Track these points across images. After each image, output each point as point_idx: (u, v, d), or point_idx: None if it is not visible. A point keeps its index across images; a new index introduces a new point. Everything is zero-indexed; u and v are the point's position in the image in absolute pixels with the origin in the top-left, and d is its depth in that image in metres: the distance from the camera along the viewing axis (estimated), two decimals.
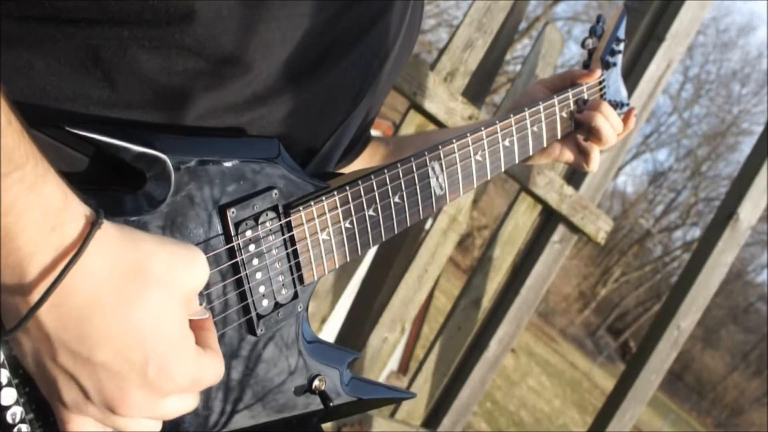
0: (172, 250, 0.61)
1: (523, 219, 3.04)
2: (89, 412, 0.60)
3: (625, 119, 1.28)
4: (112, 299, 0.57)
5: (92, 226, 0.56)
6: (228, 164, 0.72)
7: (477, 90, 3.44)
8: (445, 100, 2.59)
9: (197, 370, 0.63)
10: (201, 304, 0.67)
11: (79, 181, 0.61)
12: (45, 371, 0.59)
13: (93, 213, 0.57)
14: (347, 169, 1.12)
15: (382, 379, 3.83)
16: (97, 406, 0.60)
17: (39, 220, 0.53)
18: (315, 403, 0.87)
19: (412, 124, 2.62)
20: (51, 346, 0.57)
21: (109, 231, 0.58)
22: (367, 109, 0.97)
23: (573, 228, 3.07)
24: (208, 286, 0.72)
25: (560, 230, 3.07)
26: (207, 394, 0.76)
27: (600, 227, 3.10)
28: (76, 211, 0.56)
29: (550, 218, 3.10)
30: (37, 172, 0.53)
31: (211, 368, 0.65)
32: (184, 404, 0.64)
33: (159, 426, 0.65)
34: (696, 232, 36.66)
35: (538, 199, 2.98)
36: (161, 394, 0.61)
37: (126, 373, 0.58)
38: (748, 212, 3.26)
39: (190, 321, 0.65)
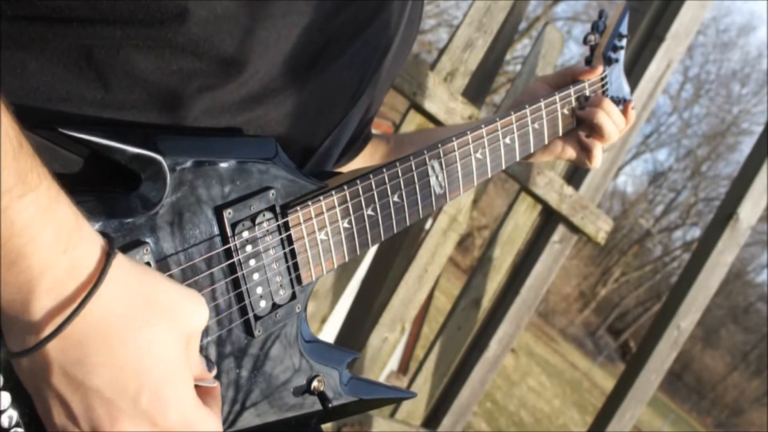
0: (177, 288, 0.61)
1: (523, 219, 3.04)
2: None
3: (623, 113, 1.27)
4: (117, 326, 0.57)
5: (108, 256, 0.56)
6: (224, 165, 0.72)
7: (477, 90, 3.44)
8: (445, 100, 2.58)
9: (193, 411, 0.62)
10: (211, 371, 0.67)
11: (73, 183, 0.60)
12: (39, 390, 0.59)
13: (105, 240, 0.58)
14: (348, 168, 1.11)
15: (382, 379, 3.82)
16: (84, 430, 0.59)
17: (52, 241, 0.53)
18: (314, 404, 0.86)
19: (412, 124, 2.61)
20: (48, 367, 0.57)
21: (121, 260, 0.58)
22: (366, 106, 0.96)
23: (573, 228, 3.06)
24: (205, 287, 0.72)
25: (560, 230, 3.07)
26: None
27: (600, 227, 3.10)
28: (88, 234, 0.56)
29: (550, 218, 3.09)
30: (50, 194, 0.54)
31: (208, 423, 0.63)
32: None
33: None
34: (696, 232, 36.67)
35: (538, 199, 2.97)
36: (152, 425, 0.59)
37: (118, 401, 0.58)
38: (748, 212, 3.26)
39: (199, 387, 0.64)
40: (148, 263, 0.65)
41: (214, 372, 0.67)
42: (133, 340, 0.57)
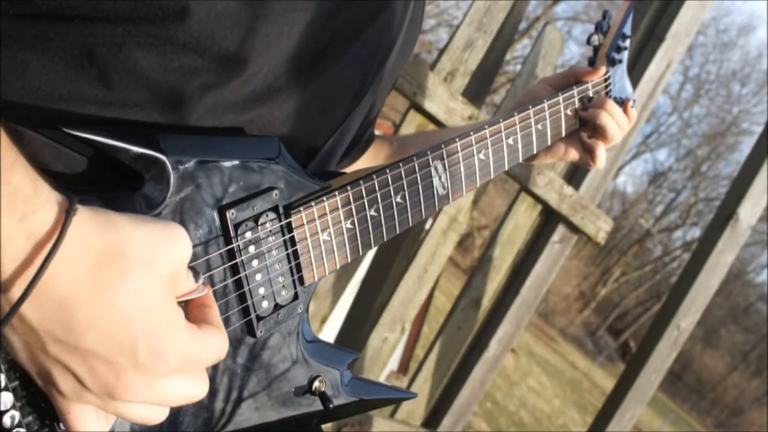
0: (150, 229, 0.59)
1: (523, 219, 3.04)
2: (88, 400, 0.59)
3: (625, 112, 1.27)
4: (91, 284, 0.55)
5: (67, 214, 0.54)
6: (227, 164, 0.71)
7: (477, 90, 3.44)
8: (445, 100, 2.58)
9: (191, 346, 0.61)
10: (199, 281, 0.65)
11: (77, 182, 0.60)
12: (38, 363, 0.58)
13: (65, 199, 0.56)
14: (351, 168, 1.11)
15: (382, 379, 3.82)
16: (95, 392, 0.59)
17: (7, 209, 0.52)
18: (315, 404, 0.86)
19: (412, 124, 2.61)
20: (38, 338, 0.56)
21: (83, 215, 0.56)
22: (369, 106, 0.96)
23: (573, 228, 3.07)
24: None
25: (560, 230, 3.07)
26: (207, 395, 0.75)
27: (600, 227, 3.10)
28: (46, 198, 0.54)
29: (550, 218, 3.09)
30: (6, 160, 0.52)
31: (209, 344, 0.63)
32: (186, 386, 0.62)
33: (165, 412, 0.63)
34: (696, 232, 36.68)
35: (538, 199, 2.98)
36: (157, 375, 0.59)
37: (116, 358, 0.57)
38: (748, 212, 3.26)
39: (190, 300, 0.63)
40: None
41: (201, 280, 0.66)
42: (114, 295, 0.56)
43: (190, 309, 0.65)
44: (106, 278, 0.56)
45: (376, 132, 1.21)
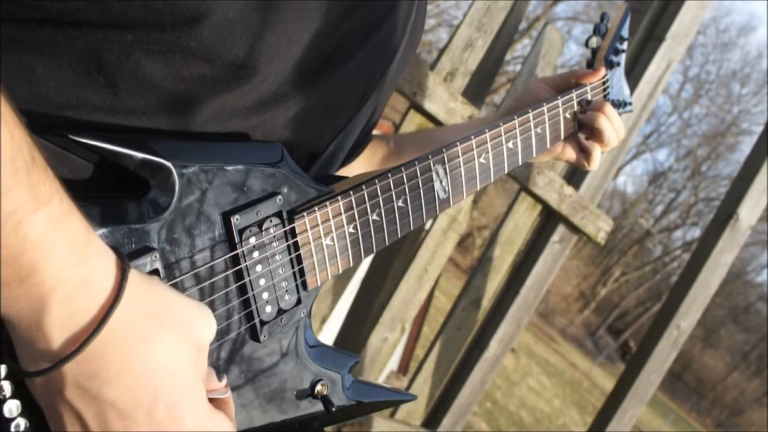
0: (185, 301, 0.61)
1: (523, 219, 3.04)
2: None
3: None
4: (128, 339, 0.56)
5: (123, 270, 0.56)
6: (232, 170, 0.72)
7: (477, 90, 3.44)
8: (445, 100, 2.59)
9: (206, 419, 0.62)
10: (222, 382, 0.67)
11: (83, 189, 0.60)
12: (52, 404, 0.59)
13: (116, 253, 0.57)
14: (347, 170, 1.11)
15: (382, 379, 3.83)
16: None
17: (64, 255, 0.53)
18: (317, 407, 0.87)
19: (412, 124, 2.62)
20: (62, 382, 0.56)
21: (132, 273, 0.57)
22: (371, 111, 0.96)
23: (573, 228, 3.07)
24: (212, 293, 0.72)
25: (560, 230, 3.07)
26: None
27: (600, 227, 3.10)
28: (99, 248, 0.56)
29: (550, 218, 3.10)
30: (62, 207, 0.53)
31: (221, 425, 0.64)
32: None
33: None
34: (696, 232, 36.65)
35: (538, 199, 2.98)
36: None
37: (134, 413, 0.58)
38: (748, 212, 3.26)
39: (212, 399, 0.64)
40: (156, 270, 0.66)
41: (225, 381, 0.67)
42: (147, 353, 0.57)
43: (210, 402, 0.65)
44: (144, 336, 0.57)
45: (375, 131, 1.21)
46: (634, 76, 3.03)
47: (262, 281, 0.76)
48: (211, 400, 0.65)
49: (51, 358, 0.55)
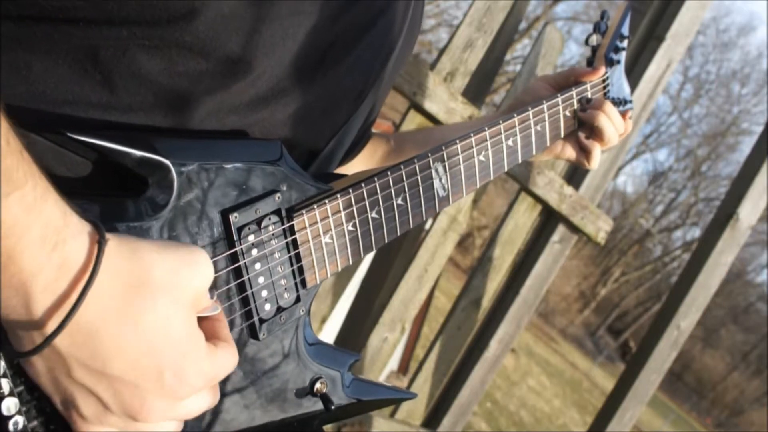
0: (173, 256, 0.61)
1: (523, 219, 3.04)
2: (110, 423, 0.61)
3: (623, 117, 1.27)
4: (118, 313, 0.57)
5: (99, 245, 0.56)
6: (230, 168, 0.72)
7: (477, 90, 3.44)
8: (445, 100, 2.59)
9: (211, 368, 0.63)
10: (213, 298, 0.67)
11: (80, 187, 0.60)
12: (61, 388, 0.59)
13: (94, 228, 0.57)
14: (347, 168, 1.11)
15: (382, 379, 3.83)
16: (118, 415, 0.60)
17: (39, 240, 0.53)
18: (317, 406, 0.87)
19: (412, 124, 2.62)
20: (65, 364, 0.57)
21: (110, 245, 0.57)
22: (370, 108, 0.96)
23: (573, 228, 3.07)
24: (211, 291, 0.72)
25: (560, 230, 3.07)
26: None
27: (600, 227, 3.10)
28: (75, 228, 0.56)
29: (550, 218, 3.10)
30: (37, 192, 0.53)
31: (224, 361, 0.65)
32: (204, 401, 0.65)
33: (180, 425, 0.65)
34: (696, 232, 36.68)
35: (538, 199, 2.98)
36: (179, 398, 0.62)
37: (142, 383, 0.59)
38: (748, 212, 3.26)
39: (201, 318, 0.65)
40: None
41: (215, 296, 0.68)
42: (139, 323, 0.57)
43: (202, 322, 0.66)
44: (133, 307, 0.57)
45: (374, 130, 1.21)
46: (634, 76, 3.03)
47: (260, 279, 0.76)
48: (203, 321, 0.65)
49: (41, 338, 0.56)
